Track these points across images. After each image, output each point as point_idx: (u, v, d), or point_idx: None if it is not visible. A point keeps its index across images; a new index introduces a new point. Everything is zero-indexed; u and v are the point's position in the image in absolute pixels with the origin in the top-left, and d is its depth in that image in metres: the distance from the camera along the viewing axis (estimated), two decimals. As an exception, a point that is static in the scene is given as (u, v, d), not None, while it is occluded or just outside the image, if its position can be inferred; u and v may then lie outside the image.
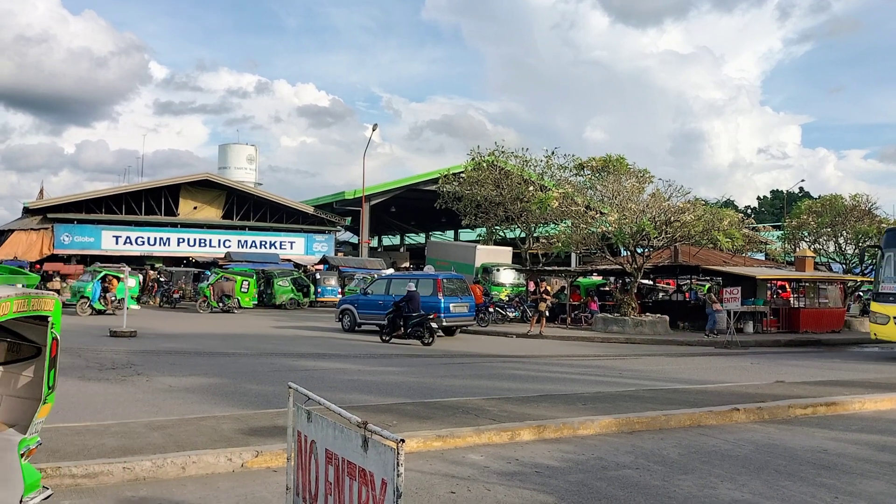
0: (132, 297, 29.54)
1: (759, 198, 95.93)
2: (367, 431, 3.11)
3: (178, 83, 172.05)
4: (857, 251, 36.69)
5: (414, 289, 21.25)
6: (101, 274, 28.95)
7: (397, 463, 2.79)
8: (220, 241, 51.67)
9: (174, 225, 51.09)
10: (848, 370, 15.40)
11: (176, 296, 36.83)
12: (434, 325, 19.93)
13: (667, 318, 25.06)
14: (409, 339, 20.08)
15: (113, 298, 28.78)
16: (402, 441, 2.82)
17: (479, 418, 8.32)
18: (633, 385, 12.13)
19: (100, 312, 28.30)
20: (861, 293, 33.64)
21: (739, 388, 11.55)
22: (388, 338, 20.24)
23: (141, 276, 36.74)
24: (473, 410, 8.84)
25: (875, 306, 18.41)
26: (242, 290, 33.56)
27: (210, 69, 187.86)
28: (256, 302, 38.31)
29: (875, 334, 18.17)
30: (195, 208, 52.79)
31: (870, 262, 25.02)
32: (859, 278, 32.95)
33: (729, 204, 48.18)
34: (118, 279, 28.86)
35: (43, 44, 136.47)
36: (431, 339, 19.66)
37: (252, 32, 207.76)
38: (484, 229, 41.86)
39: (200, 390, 10.65)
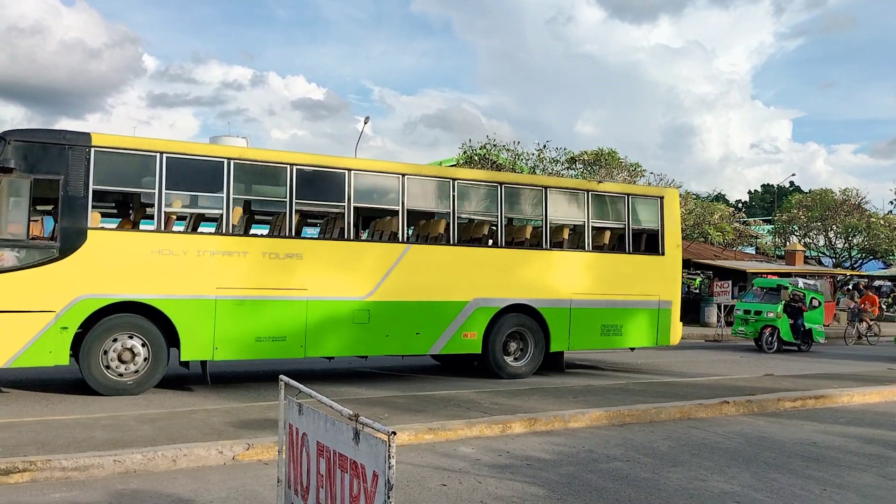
0: None
1: (749, 192, 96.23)
2: (358, 424, 3.10)
3: (172, 75, 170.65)
4: (846, 245, 36.95)
5: None
6: None
7: (388, 455, 2.78)
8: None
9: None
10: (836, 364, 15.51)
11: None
12: None
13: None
14: None
15: None
16: (394, 433, 2.81)
17: (470, 411, 8.34)
18: (624, 378, 12.17)
19: None
20: (849, 287, 33.86)
21: (729, 381, 11.61)
22: None
23: None
24: (465, 403, 8.85)
25: None
26: None
27: (202, 61, 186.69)
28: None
29: None
30: (186, 201, 52.45)
31: None
32: (849, 272, 33.15)
33: (720, 198, 48.38)
34: None
35: (36, 35, 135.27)
36: None
37: (242, 24, 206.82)
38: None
39: (190, 383, 10.61)
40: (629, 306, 12.52)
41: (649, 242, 13.06)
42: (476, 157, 36.44)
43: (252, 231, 11.71)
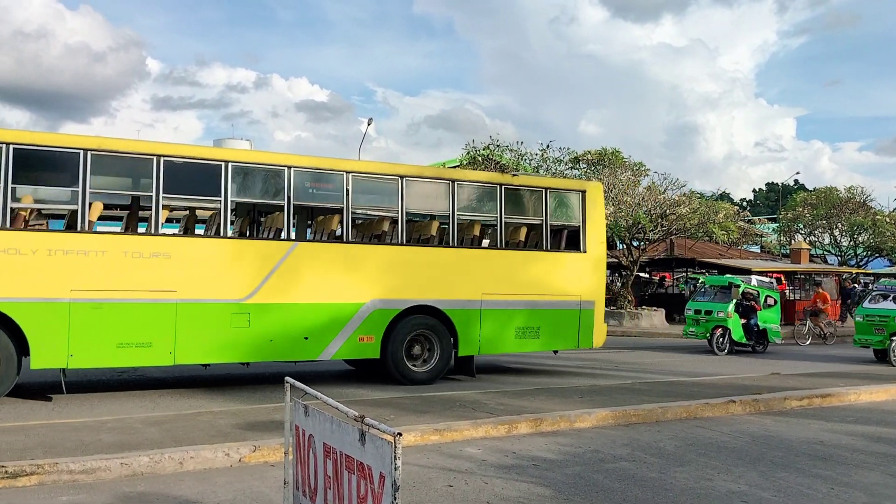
0: None
1: (754, 190, 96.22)
2: (364, 425, 3.11)
3: (176, 78, 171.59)
4: (851, 243, 36.82)
5: None
6: None
7: (395, 456, 2.79)
8: (215, 236, 51.36)
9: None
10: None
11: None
12: None
13: (663, 311, 25.13)
14: None
15: None
16: (400, 434, 2.81)
17: (476, 412, 8.33)
18: (630, 378, 12.16)
19: None
20: (855, 284, 33.76)
21: (735, 381, 11.58)
22: None
23: None
24: (470, 404, 8.85)
25: None
26: None
27: (206, 64, 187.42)
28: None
29: None
30: (190, 204, 52.52)
31: None
32: (854, 270, 33.04)
33: (724, 197, 48.27)
34: None
35: (41, 39, 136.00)
36: None
37: (246, 26, 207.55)
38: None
39: (196, 385, 10.64)
40: (547, 307, 11.77)
41: (570, 239, 12.34)
42: (479, 158, 36.45)
43: (140, 230, 10.64)
